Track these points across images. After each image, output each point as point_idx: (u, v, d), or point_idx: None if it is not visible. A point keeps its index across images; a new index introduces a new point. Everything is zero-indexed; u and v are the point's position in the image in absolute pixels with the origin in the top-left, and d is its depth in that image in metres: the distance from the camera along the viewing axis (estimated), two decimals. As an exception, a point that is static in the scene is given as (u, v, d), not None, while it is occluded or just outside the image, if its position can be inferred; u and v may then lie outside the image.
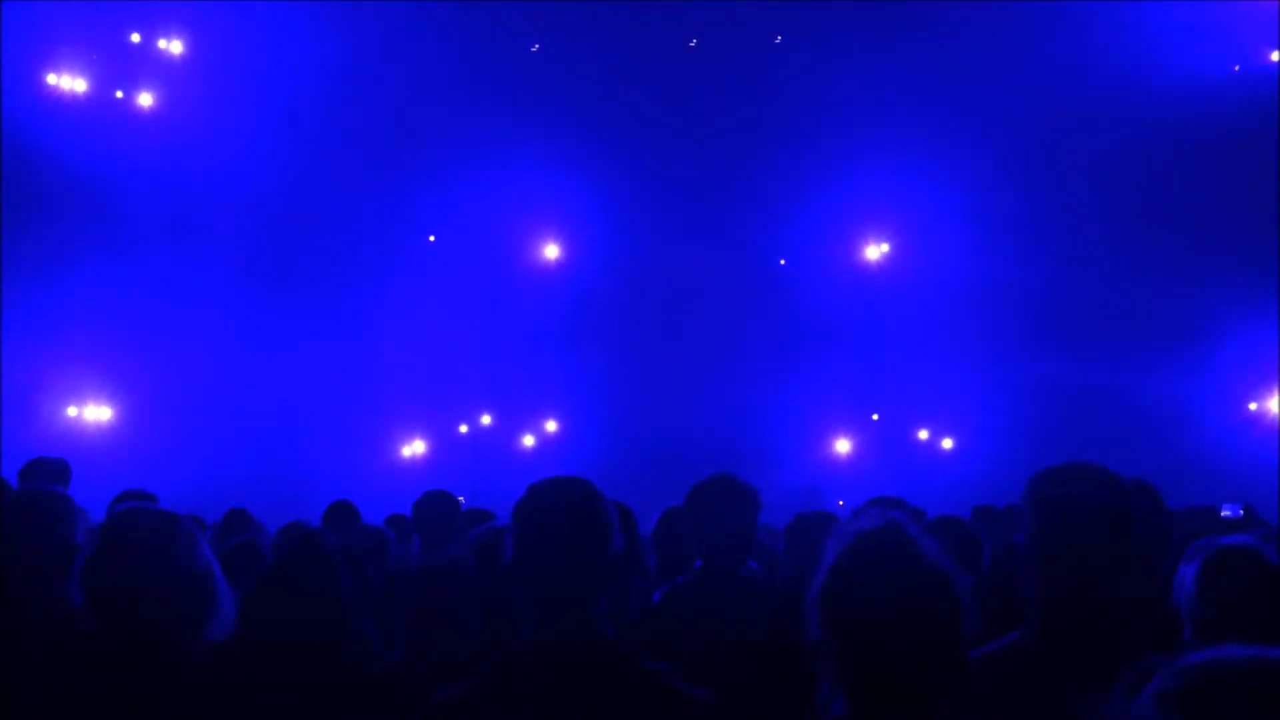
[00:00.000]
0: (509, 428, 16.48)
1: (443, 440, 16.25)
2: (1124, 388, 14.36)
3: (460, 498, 5.69)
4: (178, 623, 2.50)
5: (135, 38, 14.85)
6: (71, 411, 14.81)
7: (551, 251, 16.80)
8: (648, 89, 15.32)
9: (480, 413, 16.46)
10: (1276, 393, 14.60)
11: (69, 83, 14.73)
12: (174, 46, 15.04)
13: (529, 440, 16.49)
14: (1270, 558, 2.81)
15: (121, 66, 14.95)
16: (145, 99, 15.09)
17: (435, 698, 2.37)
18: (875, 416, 16.43)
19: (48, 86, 14.58)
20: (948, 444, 16.02)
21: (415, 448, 16.33)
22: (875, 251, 16.50)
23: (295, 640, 3.12)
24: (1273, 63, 14.67)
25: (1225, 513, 8.27)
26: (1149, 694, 1.15)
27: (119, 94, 14.95)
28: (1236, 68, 14.77)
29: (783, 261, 16.71)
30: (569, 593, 2.35)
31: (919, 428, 16.14)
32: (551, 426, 16.55)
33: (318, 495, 8.45)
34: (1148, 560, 4.26)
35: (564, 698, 2.28)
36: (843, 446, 16.35)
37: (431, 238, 16.47)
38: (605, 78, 15.25)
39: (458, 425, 16.34)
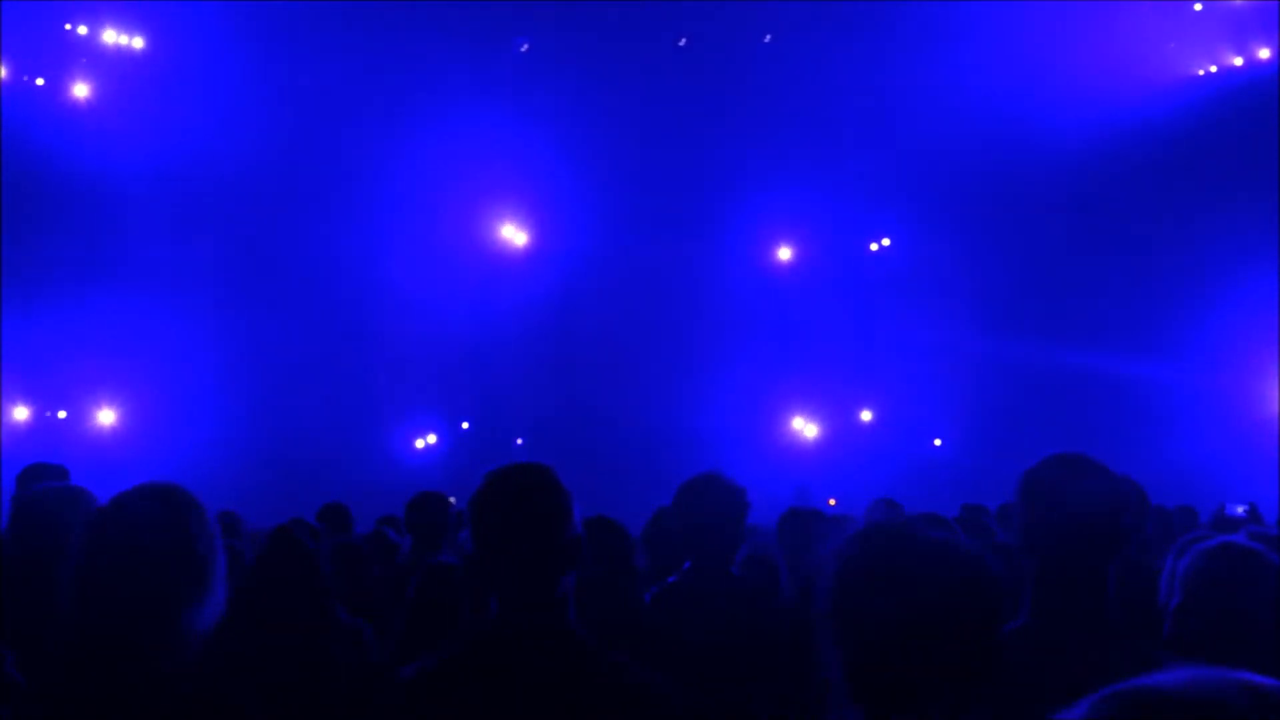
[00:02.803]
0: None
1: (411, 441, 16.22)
2: (1119, 380, 14.36)
3: (452, 498, 5.69)
4: (169, 607, 2.44)
5: (108, 36, 14.77)
6: (60, 415, 14.75)
7: (519, 238, 16.72)
8: (612, 85, 15.29)
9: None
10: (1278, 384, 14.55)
11: (60, 88, 14.69)
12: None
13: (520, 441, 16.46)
14: (1260, 557, 2.82)
15: (106, 67, 14.89)
16: (131, 99, 15.01)
17: (398, 677, 2.37)
18: (868, 416, 16.41)
19: (32, 88, 14.52)
20: (936, 442, 16.01)
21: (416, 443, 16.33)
22: (877, 245, 16.48)
23: (279, 632, 3.13)
24: (1265, 58, 14.69)
25: (1227, 511, 8.30)
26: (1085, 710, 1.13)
27: (97, 95, 14.86)
28: (1238, 60, 14.80)
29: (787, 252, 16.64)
30: (529, 579, 2.34)
31: (913, 425, 16.13)
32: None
33: (308, 494, 8.46)
34: (1134, 550, 4.31)
35: (520, 683, 2.28)
36: (813, 439, 16.34)
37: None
38: (564, 73, 15.23)
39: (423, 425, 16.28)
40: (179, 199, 14.72)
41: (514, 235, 16.76)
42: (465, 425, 16.37)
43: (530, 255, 16.70)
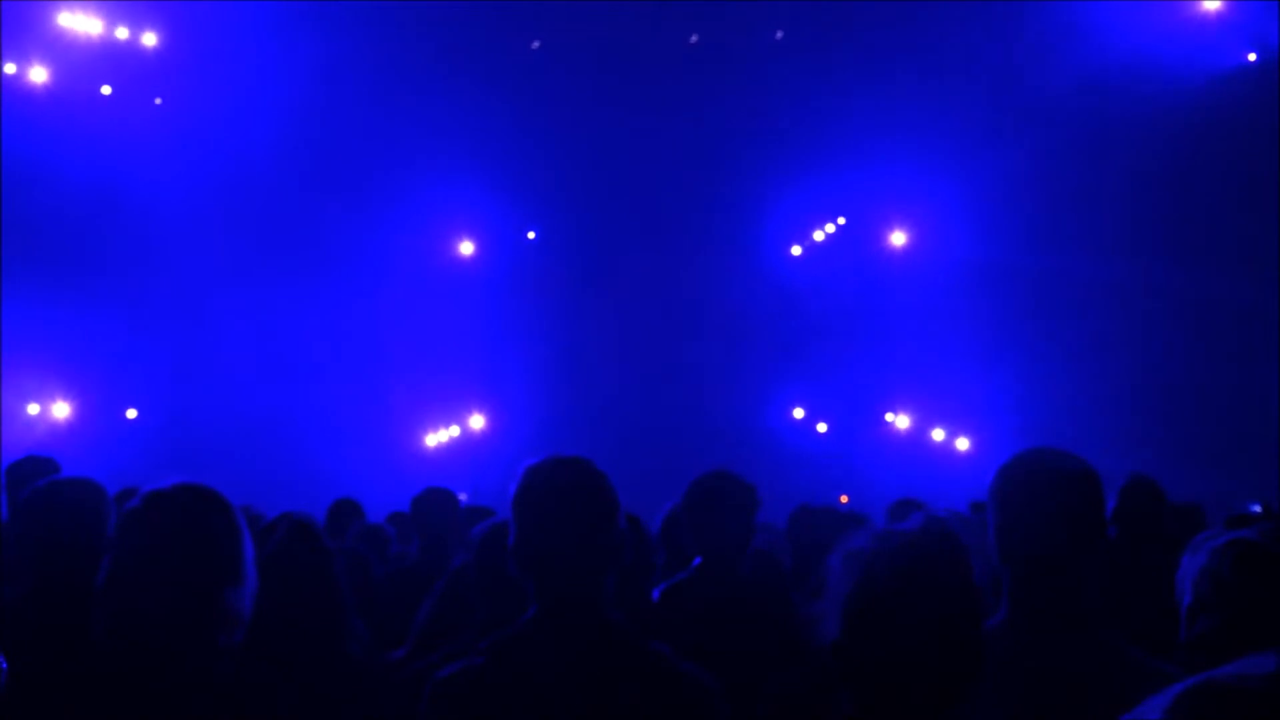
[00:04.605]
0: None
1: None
2: (1137, 379, 14.26)
3: (462, 494, 5.69)
4: (208, 595, 2.43)
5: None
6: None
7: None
8: (625, 81, 15.27)
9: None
10: None
11: (69, 84, 14.70)
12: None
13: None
14: (1268, 552, 2.81)
15: (97, 63, 14.91)
16: (106, 89, 14.98)
17: (435, 677, 2.36)
18: (892, 417, 16.26)
19: (23, 80, 14.55)
20: (962, 445, 15.90)
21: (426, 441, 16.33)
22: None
23: (294, 629, 3.12)
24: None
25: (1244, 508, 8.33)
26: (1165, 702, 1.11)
27: (103, 89, 14.89)
28: (1252, 57, 14.69)
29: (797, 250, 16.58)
30: (575, 575, 2.32)
31: (934, 426, 16.05)
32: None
33: (321, 488, 8.48)
34: (1136, 546, 4.31)
35: (563, 676, 2.27)
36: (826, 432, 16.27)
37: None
38: (577, 70, 15.23)
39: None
40: (189, 195, 14.77)
41: (526, 230, 16.78)
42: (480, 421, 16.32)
43: (543, 249, 16.72)
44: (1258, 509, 8.70)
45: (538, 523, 2.34)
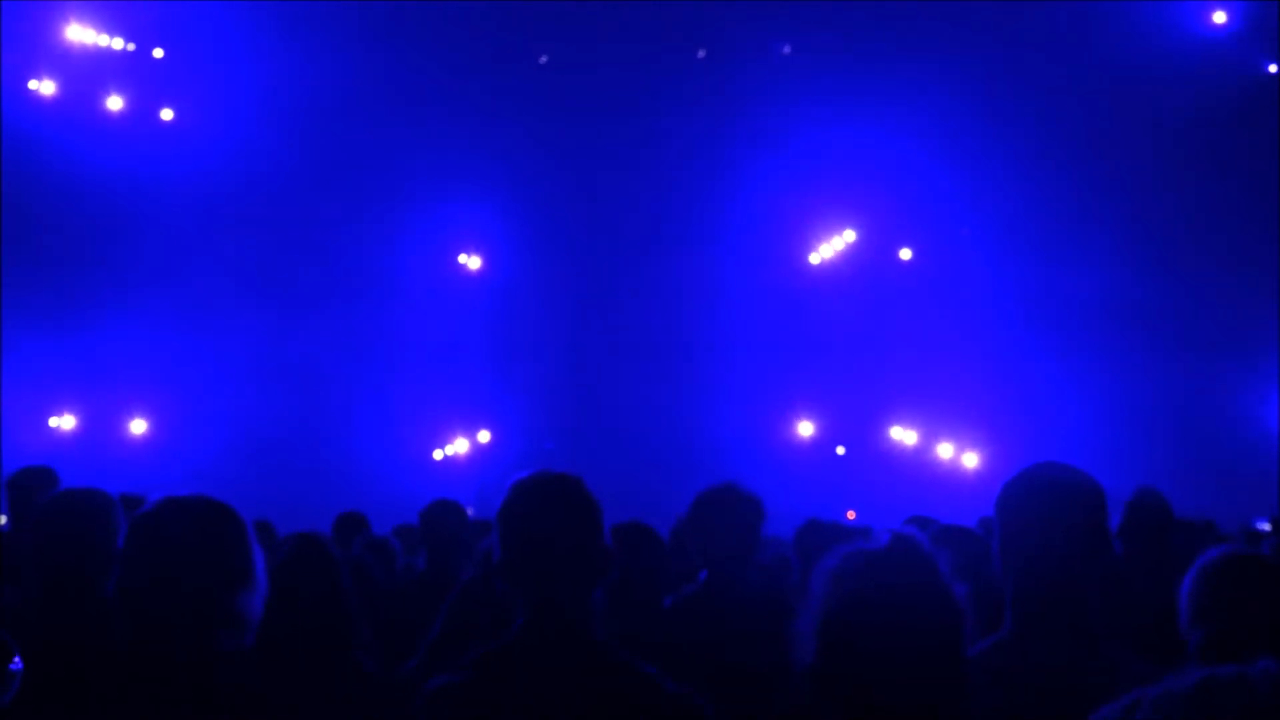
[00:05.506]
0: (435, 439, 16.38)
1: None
2: (1148, 383, 14.20)
3: (469, 508, 5.69)
4: (213, 601, 2.44)
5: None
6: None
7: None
8: (632, 96, 15.32)
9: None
10: None
11: (49, 89, 14.73)
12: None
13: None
14: (1264, 563, 2.82)
15: (106, 76, 14.98)
16: (116, 102, 15.04)
17: (424, 688, 2.38)
18: (900, 433, 16.20)
19: (32, 93, 14.61)
20: (971, 459, 15.83)
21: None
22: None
23: (302, 636, 3.13)
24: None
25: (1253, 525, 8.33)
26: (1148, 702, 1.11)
27: (110, 101, 14.97)
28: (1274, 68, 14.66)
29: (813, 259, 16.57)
30: (560, 589, 2.33)
31: (941, 442, 15.98)
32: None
33: (332, 502, 8.50)
34: (1138, 558, 4.30)
35: (545, 691, 2.27)
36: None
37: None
38: (584, 85, 15.28)
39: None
40: (200, 209, 14.83)
41: (531, 242, 16.80)
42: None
43: (550, 263, 16.73)
44: (1265, 526, 8.68)
45: (522, 538, 2.36)
